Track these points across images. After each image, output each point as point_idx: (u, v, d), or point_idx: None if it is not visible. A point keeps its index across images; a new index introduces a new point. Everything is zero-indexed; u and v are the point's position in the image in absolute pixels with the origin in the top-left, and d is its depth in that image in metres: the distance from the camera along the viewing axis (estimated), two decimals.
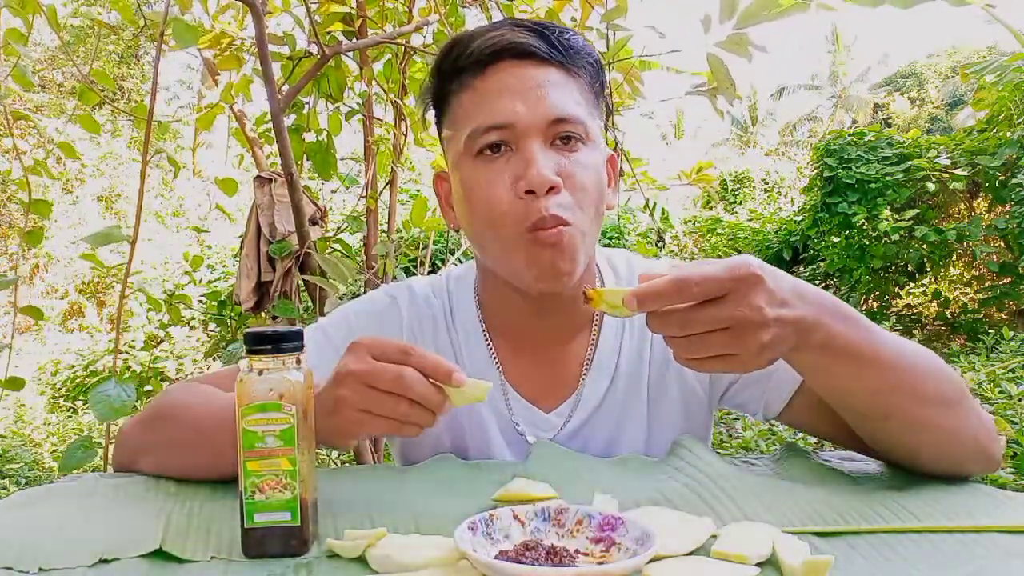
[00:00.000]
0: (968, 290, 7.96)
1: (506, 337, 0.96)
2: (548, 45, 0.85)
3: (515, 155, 0.83)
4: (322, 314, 2.16)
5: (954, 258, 7.75)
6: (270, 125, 2.08)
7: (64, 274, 9.35)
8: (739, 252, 9.99)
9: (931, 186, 7.19)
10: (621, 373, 0.95)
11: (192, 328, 7.25)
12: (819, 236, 7.95)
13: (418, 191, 7.00)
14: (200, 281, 7.28)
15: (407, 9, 2.33)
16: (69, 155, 2.15)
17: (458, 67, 0.87)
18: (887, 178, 7.19)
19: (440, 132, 0.94)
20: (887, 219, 7.15)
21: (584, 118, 0.85)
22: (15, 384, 1.77)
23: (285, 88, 2.03)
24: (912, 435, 0.77)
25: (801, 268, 9.10)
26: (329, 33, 2.21)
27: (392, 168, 2.43)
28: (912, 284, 8.11)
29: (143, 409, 0.93)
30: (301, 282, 2.28)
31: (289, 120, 2.16)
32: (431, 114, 0.96)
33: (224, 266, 7.64)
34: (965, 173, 6.99)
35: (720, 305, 0.62)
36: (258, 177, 2.49)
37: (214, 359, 6.80)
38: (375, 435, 0.74)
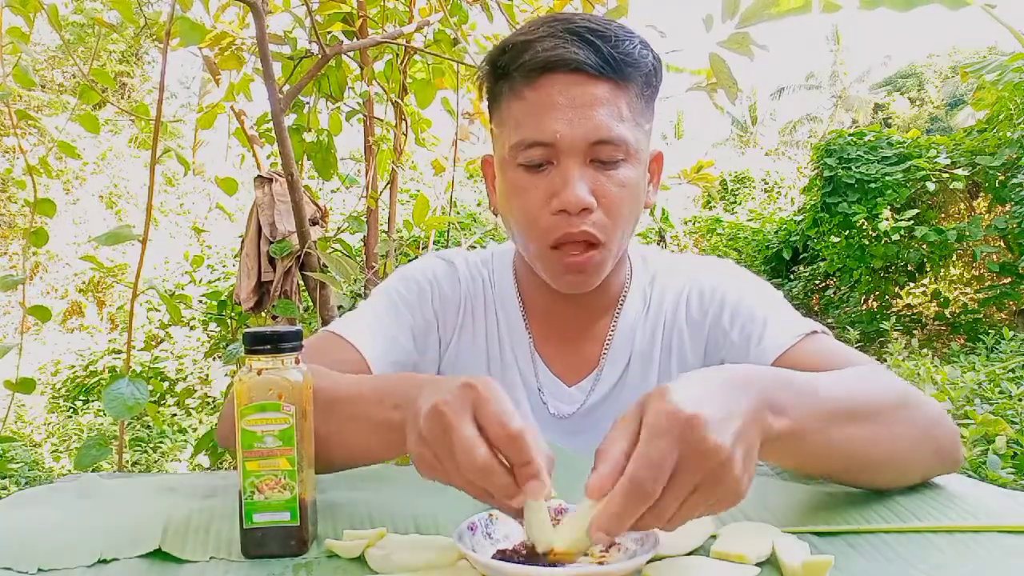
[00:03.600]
0: (968, 290, 7.96)
1: (538, 315, 1.02)
2: (600, 59, 0.85)
3: (555, 170, 0.87)
4: (322, 314, 2.16)
5: (954, 258, 7.75)
6: (270, 125, 2.08)
7: (64, 273, 9.34)
8: (739, 252, 10.02)
9: (931, 186, 7.20)
10: (636, 354, 1.00)
11: (192, 328, 7.25)
12: (819, 236, 7.96)
13: (418, 191, 7.00)
14: (200, 281, 7.29)
15: (408, 9, 2.33)
16: (70, 155, 2.15)
17: (509, 74, 0.89)
18: (887, 178, 7.19)
19: (490, 120, 0.98)
20: (887, 219, 7.15)
21: (627, 136, 0.87)
22: (26, 386, 1.77)
23: (286, 88, 2.02)
24: (871, 474, 0.73)
25: (801, 268, 9.11)
26: (330, 33, 2.21)
27: (392, 168, 2.43)
28: (912, 284, 8.11)
29: None
30: (301, 282, 2.28)
31: (289, 120, 2.16)
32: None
33: (224, 266, 7.64)
34: (965, 173, 6.99)
35: (678, 477, 0.52)
36: (258, 177, 2.49)
37: (214, 359, 6.80)
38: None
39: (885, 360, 4.17)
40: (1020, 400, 2.94)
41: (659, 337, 1.01)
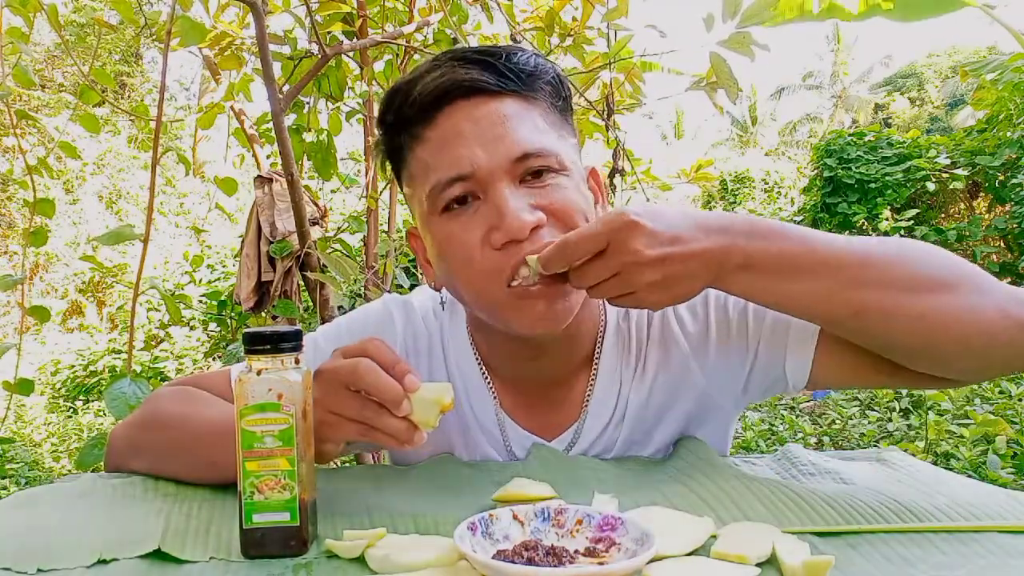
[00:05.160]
0: None
1: (501, 377, 0.93)
2: (497, 75, 0.77)
3: (484, 204, 0.76)
4: (322, 314, 2.16)
5: None
6: (270, 125, 2.08)
7: (64, 273, 9.35)
8: None
9: (931, 186, 7.20)
10: (624, 397, 0.90)
11: (192, 328, 7.25)
12: None
13: None
14: (200, 281, 7.29)
15: (407, 9, 2.33)
16: (70, 154, 2.15)
17: (404, 117, 0.80)
18: (887, 178, 7.19)
19: (401, 188, 0.88)
20: (887, 219, 7.15)
21: (552, 146, 0.78)
22: (24, 387, 1.76)
23: (286, 88, 2.03)
24: (900, 326, 0.71)
25: None
26: (330, 33, 2.21)
27: None
28: None
29: (134, 412, 0.92)
30: (301, 282, 2.28)
31: (289, 120, 2.16)
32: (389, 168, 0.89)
33: (224, 266, 7.64)
34: (965, 173, 6.99)
35: (603, 257, 0.69)
36: (258, 177, 2.49)
37: (214, 359, 6.80)
38: (349, 440, 0.72)
39: None
40: (1020, 400, 2.94)
41: (649, 382, 0.90)
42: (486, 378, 0.92)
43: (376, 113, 0.89)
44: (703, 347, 0.89)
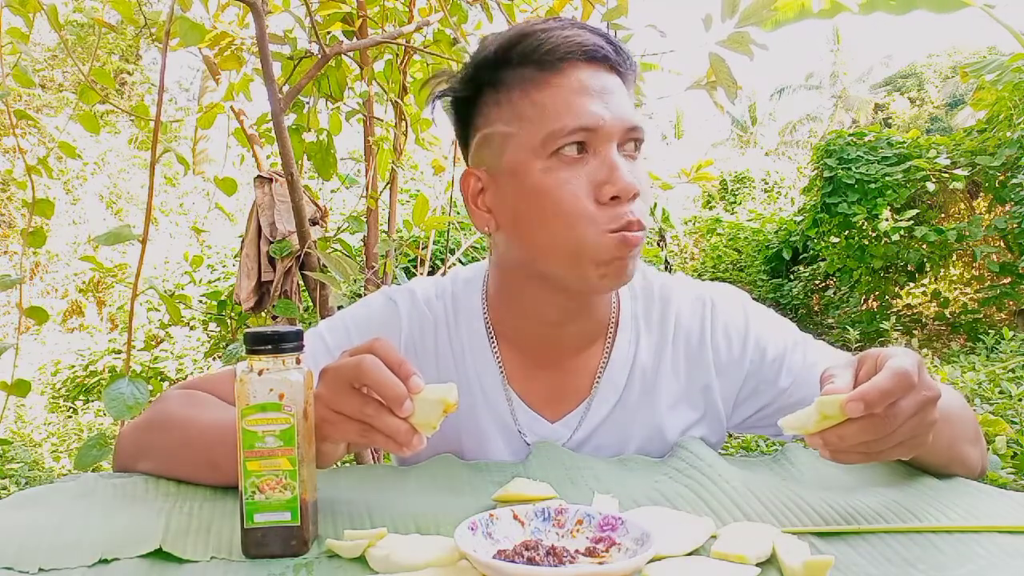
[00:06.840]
0: (968, 290, 7.96)
1: (514, 344, 0.94)
2: (613, 50, 0.84)
3: (594, 159, 0.82)
4: (322, 314, 2.16)
5: (954, 258, 7.74)
6: (270, 125, 2.08)
7: (65, 273, 9.35)
8: (739, 252, 10.02)
9: (931, 186, 7.19)
10: (634, 388, 0.93)
11: (192, 328, 7.25)
12: (819, 236, 7.95)
13: (418, 191, 7.00)
14: (200, 281, 7.29)
15: (407, 9, 2.33)
16: (69, 155, 2.15)
17: (530, 60, 0.83)
18: (887, 178, 7.18)
19: (470, 126, 0.90)
20: (887, 219, 7.14)
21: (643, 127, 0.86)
22: (21, 388, 1.75)
23: (286, 88, 2.03)
24: (956, 469, 0.84)
25: (801, 268, 9.11)
26: (330, 33, 2.21)
27: (392, 168, 2.43)
28: (912, 284, 8.10)
29: (142, 414, 0.93)
30: (301, 282, 2.28)
31: (289, 120, 2.16)
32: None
33: (224, 266, 7.64)
34: (965, 173, 6.98)
35: (912, 393, 0.65)
36: (258, 177, 2.49)
37: (214, 359, 6.80)
38: (348, 440, 0.72)
39: None
40: (1020, 400, 2.94)
41: (668, 369, 0.94)
42: (495, 352, 0.94)
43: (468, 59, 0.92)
44: (731, 376, 0.95)
